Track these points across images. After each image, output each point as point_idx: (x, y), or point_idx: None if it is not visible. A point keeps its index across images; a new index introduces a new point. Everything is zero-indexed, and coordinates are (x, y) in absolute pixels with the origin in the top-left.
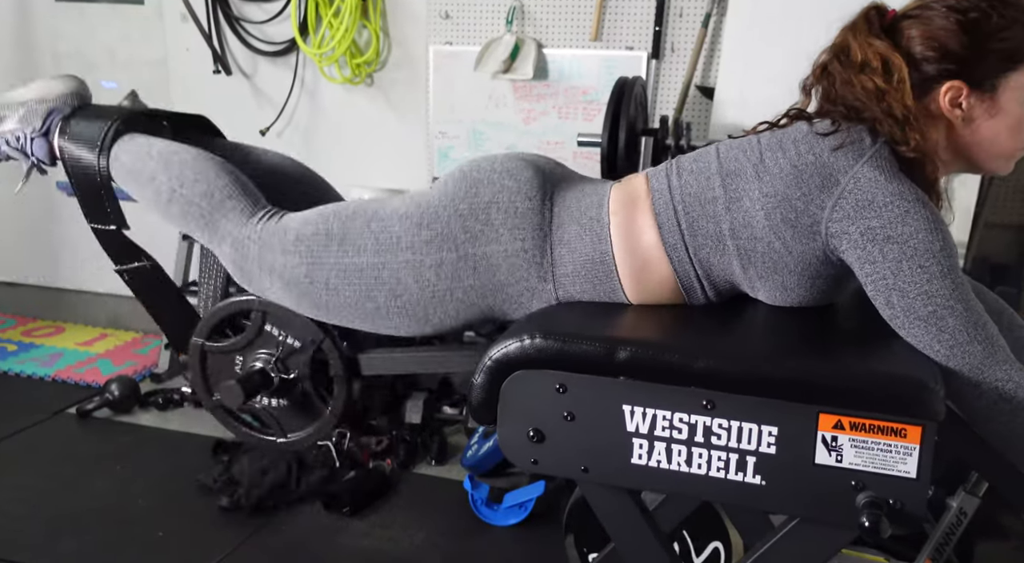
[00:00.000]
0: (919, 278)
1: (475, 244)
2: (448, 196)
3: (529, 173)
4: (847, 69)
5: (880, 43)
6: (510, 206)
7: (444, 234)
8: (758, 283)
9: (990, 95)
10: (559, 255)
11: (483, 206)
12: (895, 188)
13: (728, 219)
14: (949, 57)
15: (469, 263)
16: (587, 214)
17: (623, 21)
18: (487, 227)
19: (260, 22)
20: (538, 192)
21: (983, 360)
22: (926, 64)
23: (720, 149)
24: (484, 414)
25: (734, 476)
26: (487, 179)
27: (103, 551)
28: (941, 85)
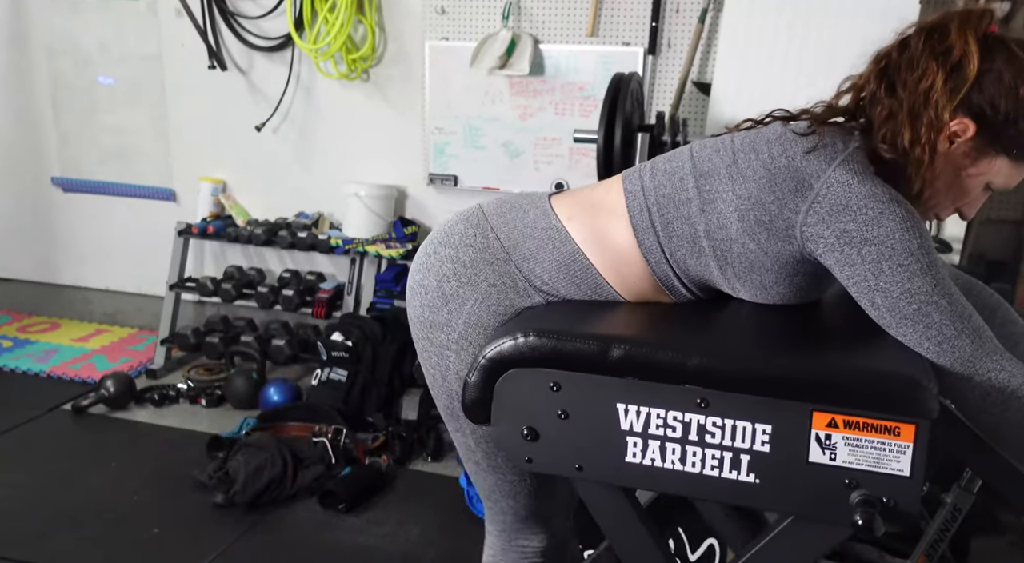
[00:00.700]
0: (900, 277)
1: (452, 326)
2: (415, 321)
3: (460, 227)
4: (926, 51)
5: (975, 47)
6: (456, 267)
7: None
8: (737, 284)
9: (985, 156)
10: (530, 269)
11: (437, 293)
12: (868, 190)
13: (703, 220)
14: (996, 108)
15: (463, 344)
16: (537, 226)
17: (619, 17)
18: (451, 302)
19: (255, 17)
20: (476, 234)
21: (972, 352)
22: (978, 94)
23: (694, 149)
24: (478, 413)
25: (728, 474)
26: (425, 266)
27: (98, 547)
28: (961, 115)
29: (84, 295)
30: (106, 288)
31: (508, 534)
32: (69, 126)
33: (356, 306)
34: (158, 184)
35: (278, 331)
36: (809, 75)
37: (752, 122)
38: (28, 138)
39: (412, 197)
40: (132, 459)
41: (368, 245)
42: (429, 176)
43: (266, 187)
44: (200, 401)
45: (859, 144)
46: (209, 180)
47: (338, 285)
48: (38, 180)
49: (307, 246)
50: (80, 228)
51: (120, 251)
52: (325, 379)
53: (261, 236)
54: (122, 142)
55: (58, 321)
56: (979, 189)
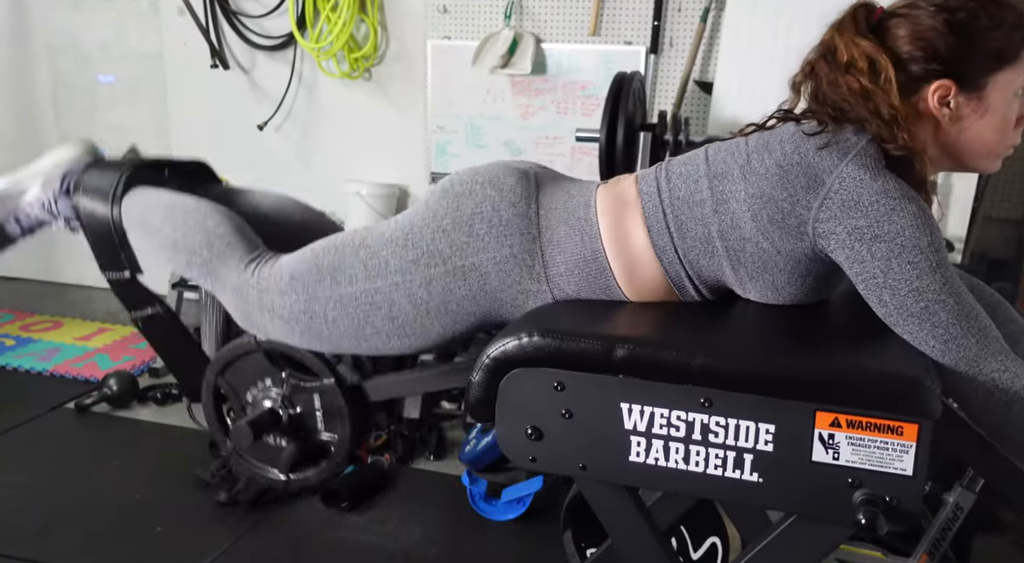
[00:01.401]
0: (909, 275)
1: (462, 256)
2: (430, 213)
3: (512, 180)
4: (834, 69)
5: (866, 43)
6: (494, 215)
7: (430, 251)
8: (748, 284)
9: (978, 94)
10: (550, 256)
11: (466, 218)
12: (880, 186)
13: (716, 221)
14: (937, 57)
15: (458, 276)
16: (575, 215)
17: (622, 16)
18: (472, 238)
19: (258, 16)
20: (522, 198)
21: (978, 352)
22: (913, 64)
23: (709, 151)
24: (482, 412)
25: (731, 473)
26: (468, 191)
27: (101, 546)
28: (929, 84)
29: (86, 293)
30: (108, 286)
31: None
32: (70, 125)
33: None
34: None
35: None
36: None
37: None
38: (29, 137)
39: (414, 196)
40: (135, 457)
41: None
42: (431, 175)
43: (268, 186)
44: None
45: (871, 138)
46: None
47: None
48: None
49: None
50: None
51: None
52: None
53: None
54: (124, 141)
55: (60, 320)
56: (1013, 106)
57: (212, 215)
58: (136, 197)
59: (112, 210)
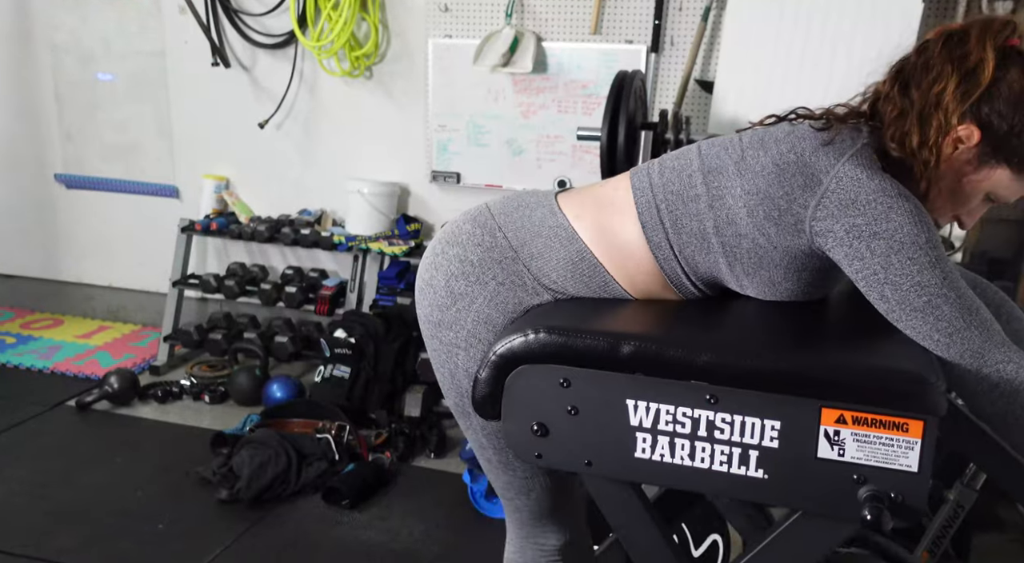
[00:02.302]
0: (910, 270)
1: (463, 324)
2: (427, 324)
3: (467, 227)
4: (943, 53)
5: (993, 55)
6: (464, 266)
7: (448, 342)
8: (745, 280)
9: (987, 163)
10: (538, 268)
11: (444, 292)
12: (877, 184)
13: (712, 217)
14: (1004, 117)
15: (472, 343)
16: (544, 225)
17: (623, 15)
18: (460, 300)
19: (259, 14)
20: (484, 234)
21: (982, 344)
22: (987, 105)
23: (702, 147)
24: (488, 408)
25: (737, 470)
26: (435, 267)
27: (103, 543)
28: (969, 120)
29: (87, 292)
30: (109, 285)
31: (525, 531)
32: (72, 123)
33: (359, 303)
34: (161, 181)
35: (281, 328)
36: (811, 74)
37: (776, 118)
38: (31, 134)
39: (415, 194)
40: (136, 455)
41: (371, 242)
42: (432, 173)
43: (269, 184)
44: (203, 398)
45: (868, 140)
46: (212, 177)
47: (341, 282)
48: (41, 177)
49: (310, 243)
50: (83, 225)
51: (123, 248)
52: (328, 376)
53: (264, 233)
54: (125, 139)
55: (61, 317)
56: (979, 198)
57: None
58: None
59: None
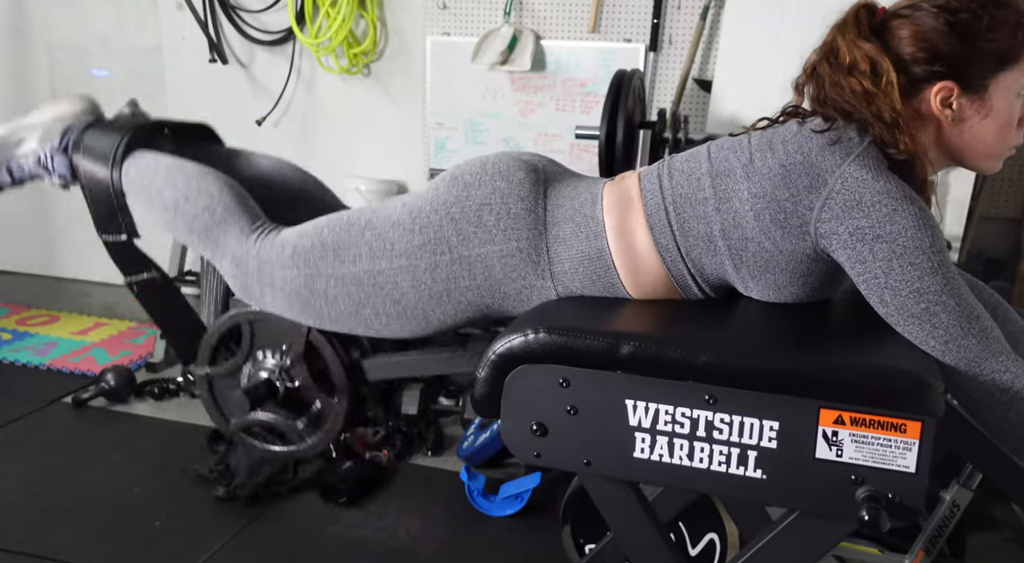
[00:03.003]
0: (910, 276)
1: (469, 246)
2: (440, 200)
3: (521, 174)
4: (836, 71)
5: (868, 45)
6: (502, 208)
7: (437, 238)
8: (751, 282)
9: (981, 96)
10: (556, 253)
11: (475, 209)
12: (882, 186)
13: (718, 220)
14: (939, 58)
15: (464, 265)
16: (581, 211)
17: (621, 13)
18: (480, 229)
19: (256, 11)
20: (531, 192)
21: (978, 353)
22: (915, 65)
23: (711, 149)
24: (487, 408)
25: (735, 470)
26: (478, 181)
27: (99, 540)
28: (931, 86)
29: (83, 288)
30: (105, 281)
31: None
32: None
33: None
34: None
35: None
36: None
37: (768, 120)
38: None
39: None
40: (133, 452)
41: None
42: (430, 171)
43: None
44: None
45: (872, 139)
46: None
47: None
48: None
49: None
50: (80, 221)
51: None
52: None
53: None
54: None
55: (57, 314)
56: (1016, 107)
57: (215, 181)
58: (137, 160)
59: (112, 173)
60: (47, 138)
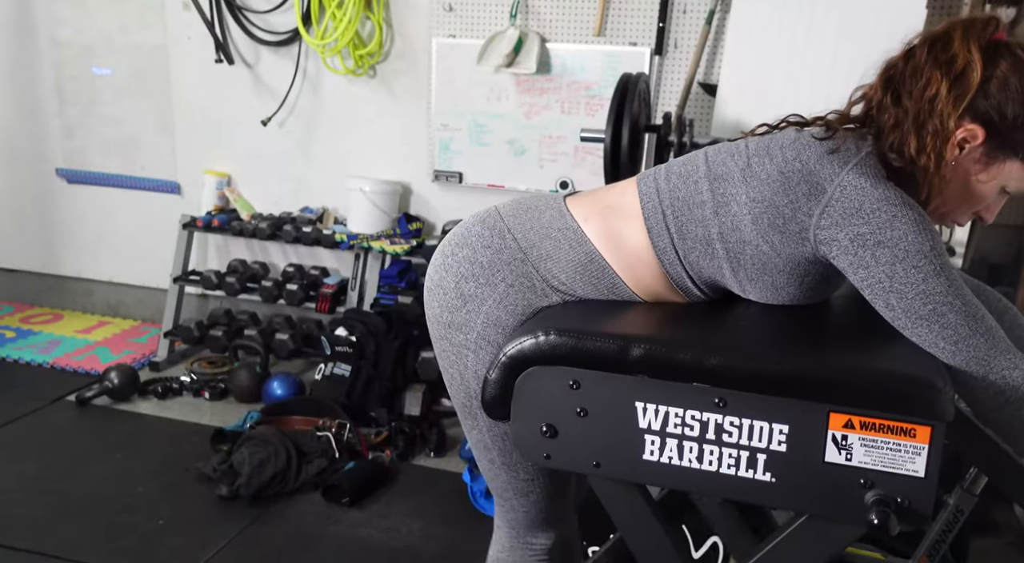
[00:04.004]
0: (914, 278)
1: (472, 326)
2: (435, 324)
3: (476, 229)
4: (931, 59)
5: (979, 56)
6: (474, 268)
7: (457, 353)
8: (748, 285)
9: (994, 161)
10: (547, 270)
11: (454, 293)
12: (881, 193)
13: (717, 223)
14: (1003, 111)
15: (482, 344)
16: (553, 227)
17: (627, 17)
18: (469, 302)
19: (263, 11)
20: (493, 236)
21: (987, 351)
22: (983, 100)
23: (709, 153)
24: (498, 409)
25: (744, 473)
26: (444, 269)
27: (102, 538)
28: (967, 121)
29: (87, 286)
30: (109, 280)
31: (517, 531)
32: (73, 117)
33: (360, 301)
34: (163, 177)
35: (281, 325)
36: (814, 78)
37: (767, 127)
38: (33, 129)
39: (417, 193)
40: (136, 451)
41: (372, 241)
42: (434, 173)
43: (271, 181)
44: (203, 394)
45: (871, 148)
46: (214, 174)
47: (342, 280)
48: (42, 171)
49: (311, 241)
50: (84, 220)
51: (123, 243)
52: (328, 374)
53: (265, 230)
54: (127, 134)
55: (61, 312)
56: (994, 194)
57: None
58: None
59: None
60: None
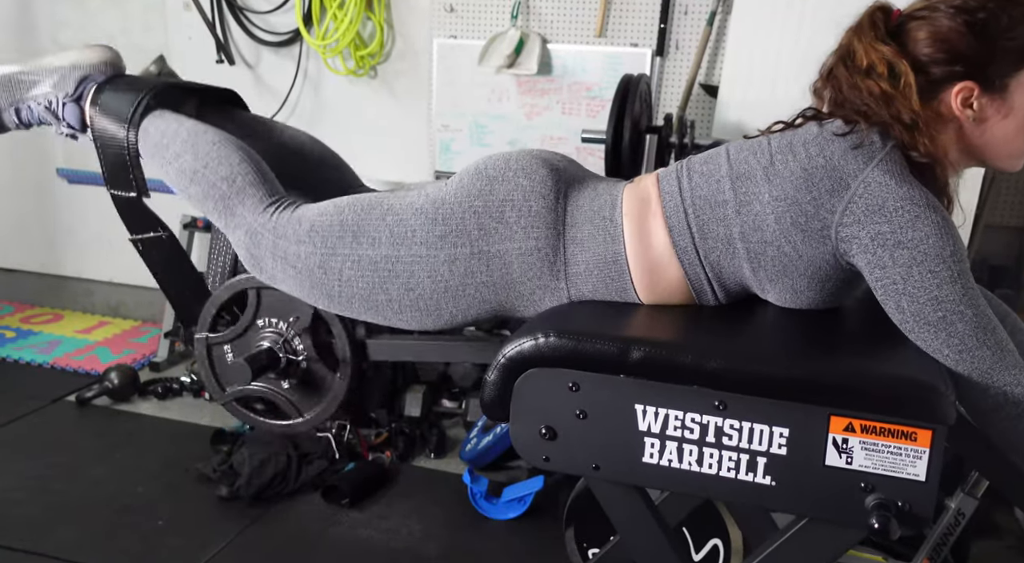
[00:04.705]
0: (929, 283)
1: (489, 241)
2: (464, 192)
3: (544, 172)
4: (853, 73)
5: (885, 47)
6: (524, 205)
7: (458, 230)
8: (768, 286)
9: (1001, 95)
10: (572, 254)
11: (497, 204)
12: (905, 192)
13: (738, 222)
14: (959, 59)
15: (482, 260)
16: (600, 214)
17: (628, 17)
18: (501, 225)
19: (264, 12)
20: (552, 191)
21: (992, 365)
22: (934, 66)
23: (731, 151)
24: (497, 411)
25: (744, 476)
26: (502, 176)
27: (102, 539)
28: (951, 87)
29: (87, 287)
30: (110, 280)
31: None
32: None
33: None
34: None
35: None
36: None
37: (784, 124)
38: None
39: None
40: (136, 451)
41: None
42: (435, 173)
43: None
44: (204, 395)
45: (896, 143)
46: None
47: None
48: (43, 171)
49: None
50: (84, 220)
51: (124, 244)
52: None
53: None
54: None
55: (61, 312)
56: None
57: (236, 150)
58: (156, 121)
59: (128, 132)
60: (62, 85)
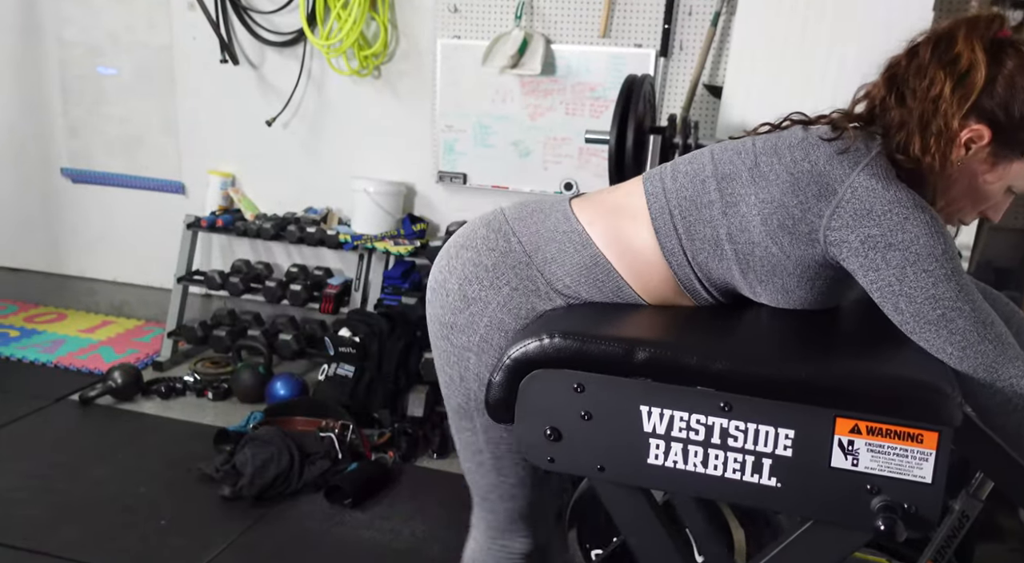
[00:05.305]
0: (925, 282)
1: (475, 328)
2: (436, 326)
3: (481, 231)
4: (934, 58)
5: (984, 54)
6: (478, 270)
7: (459, 357)
8: (759, 287)
9: (1000, 161)
10: (551, 273)
11: (457, 295)
12: (892, 195)
13: (725, 224)
14: (1008, 109)
15: (484, 347)
16: (558, 230)
17: (632, 18)
18: (472, 304)
19: (268, 12)
20: (498, 238)
21: (995, 358)
22: (988, 99)
23: (714, 151)
24: (502, 412)
25: (750, 478)
26: (448, 270)
27: (105, 538)
28: (973, 121)
29: (91, 286)
30: (113, 279)
31: (493, 533)
32: (78, 117)
33: (363, 302)
34: (167, 177)
35: (285, 326)
36: (820, 80)
37: (770, 126)
38: (38, 128)
39: (421, 194)
40: (139, 451)
41: (376, 241)
42: (438, 174)
43: (275, 182)
44: (207, 394)
45: (881, 149)
46: (218, 174)
47: (346, 281)
48: (47, 171)
49: (315, 241)
50: (88, 219)
51: (128, 243)
52: (332, 374)
53: (269, 230)
54: (132, 134)
55: (64, 312)
56: (1001, 193)
57: None
58: None
59: None
60: None
